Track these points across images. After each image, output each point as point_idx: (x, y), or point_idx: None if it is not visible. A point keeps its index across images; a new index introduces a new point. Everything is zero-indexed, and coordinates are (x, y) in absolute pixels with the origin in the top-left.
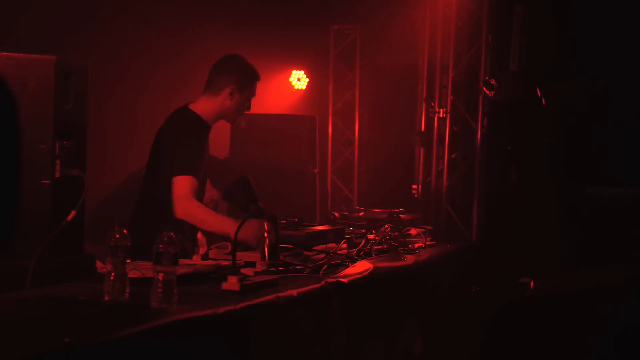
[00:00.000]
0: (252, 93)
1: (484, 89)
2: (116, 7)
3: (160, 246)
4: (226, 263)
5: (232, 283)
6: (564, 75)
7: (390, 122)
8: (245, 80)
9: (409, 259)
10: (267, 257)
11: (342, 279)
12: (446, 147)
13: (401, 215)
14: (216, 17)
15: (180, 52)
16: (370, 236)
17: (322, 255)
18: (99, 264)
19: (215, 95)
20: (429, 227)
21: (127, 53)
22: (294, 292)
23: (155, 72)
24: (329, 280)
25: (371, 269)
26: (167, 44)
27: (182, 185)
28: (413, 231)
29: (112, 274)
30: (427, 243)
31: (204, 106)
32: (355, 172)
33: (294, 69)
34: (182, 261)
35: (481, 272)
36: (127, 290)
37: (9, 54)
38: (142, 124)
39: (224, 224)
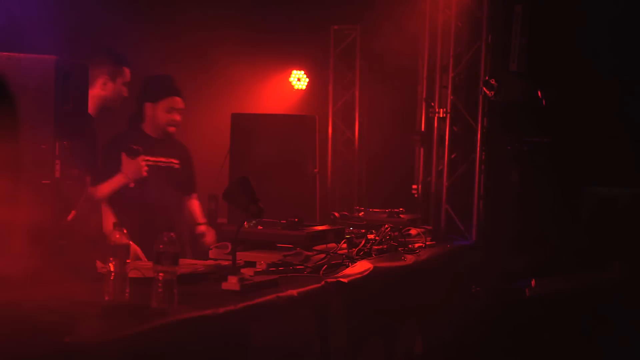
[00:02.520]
0: (125, 79)
1: (484, 89)
2: (116, 7)
3: (161, 246)
4: (226, 263)
5: (232, 283)
6: (564, 75)
7: (390, 122)
8: (116, 69)
9: (409, 259)
10: None
11: (342, 279)
12: (446, 147)
13: (401, 215)
14: (216, 17)
15: (179, 52)
16: (370, 236)
17: (322, 255)
18: (99, 264)
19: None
20: (429, 227)
21: (126, 52)
22: (294, 292)
23: (155, 71)
24: (329, 280)
25: (371, 269)
26: (166, 43)
27: None
28: (413, 231)
29: (112, 274)
30: (427, 243)
31: None
32: (355, 172)
33: (294, 69)
34: (182, 261)
35: (481, 272)
36: (127, 290)
37: (9, 54)
38: None
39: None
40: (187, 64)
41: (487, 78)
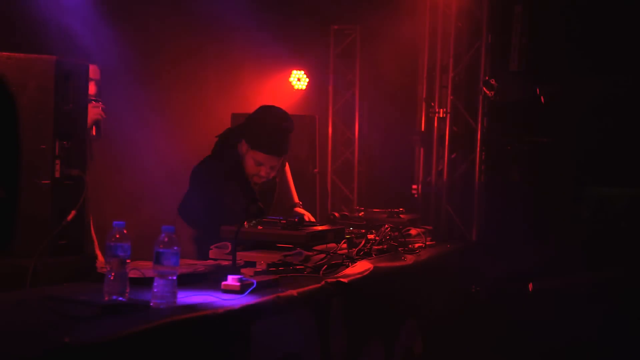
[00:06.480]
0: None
1: (484, 89)
2: (117, 7)
3: (161, 246)
4: (226, 263)
5: (232, 283)
6: (564, 75)
7: (390, 122)
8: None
9: (409, 259)
10: None
11: (342, 279)
12: (446, 147)
13: (401, 215)
14: (216, 17)
15: (180, 51)
16: (370, 236)
17: (322, 255)
18: (99, 264)
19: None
20: (429, 227)
21: (127, 52)
22: (294, 292)
23: (155, 70)
24: (329, 280)
25: (371, 269)
26: (168, 43)
27: None
28: (413, 231)
29: (112, 274)
30: (427, 243)
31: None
32: (355, 172)
33: (294, 69)
34: (182, 261)
35: (481, 272)
36: (127, 290)
37: (9, 54)
38: (142, 125)
39: None
40: (187, 64)
41: (487, 78)
